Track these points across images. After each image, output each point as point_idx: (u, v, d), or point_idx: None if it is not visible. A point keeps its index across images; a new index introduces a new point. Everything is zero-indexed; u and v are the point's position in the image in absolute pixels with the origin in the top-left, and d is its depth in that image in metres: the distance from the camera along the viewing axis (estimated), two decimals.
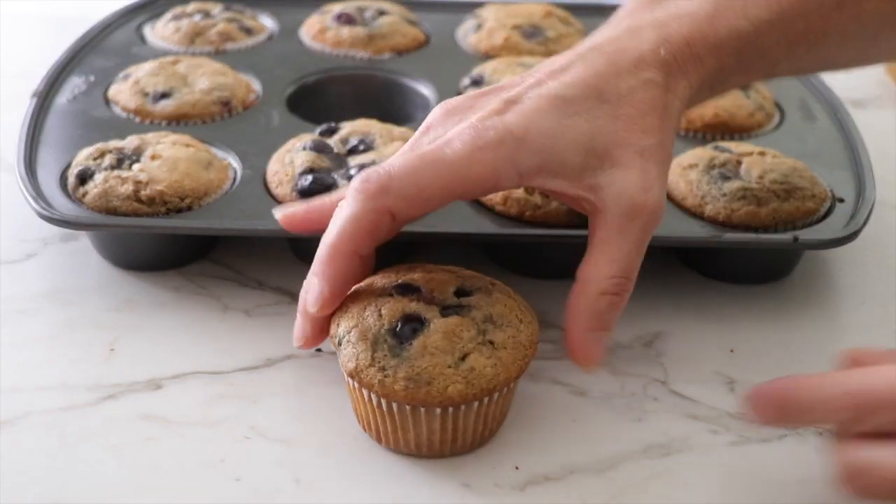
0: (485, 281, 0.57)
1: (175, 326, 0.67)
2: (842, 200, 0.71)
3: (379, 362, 0.53)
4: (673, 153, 0.57)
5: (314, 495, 0.55)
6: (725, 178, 0.71)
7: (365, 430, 0.57)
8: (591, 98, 0.54)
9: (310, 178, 0.69)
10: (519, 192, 0.68)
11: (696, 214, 0.70)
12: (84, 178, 0.70)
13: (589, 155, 0.53)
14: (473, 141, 0.52)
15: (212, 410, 0.60)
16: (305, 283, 0.56)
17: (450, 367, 0.52)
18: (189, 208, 0.70)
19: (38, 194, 0.69)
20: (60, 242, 0.74)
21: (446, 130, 0.55)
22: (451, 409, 0.53)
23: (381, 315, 0.55)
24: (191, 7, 0.96)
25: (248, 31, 0.94)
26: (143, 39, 0.94)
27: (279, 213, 0.61)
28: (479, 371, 0.53)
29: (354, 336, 0.54)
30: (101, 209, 0.69)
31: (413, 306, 0.55)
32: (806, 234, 0.68)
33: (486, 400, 0.53)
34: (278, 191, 0.70)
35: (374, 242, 0.55)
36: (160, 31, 0.94)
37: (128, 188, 0.69)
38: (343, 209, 0.54)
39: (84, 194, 0.70)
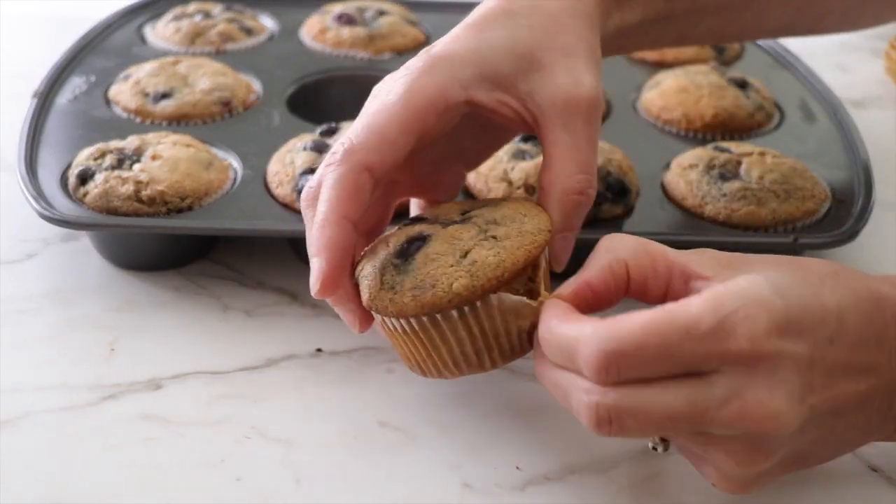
0: (496, 199, 0.57)
1: (175, 326, 0.67)
2: (842, 201, 0.71)
3: (387, 283, 0.52)
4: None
5: (314, 495, 0.55)
6: (725, 178, 0.71)
7: (413, 371, 0.56)
8: (500, 16, 0.56)
9: (310, 178, 0.69)
10: (520, 193, 0.69)
11: (696, 214, 0.70)
12: (85, 178, 0.70)
13: (516, 59, 0.54)
14: (407, 77, 0.54)
15: (212, 410, 0.60)
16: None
17: (452, 266, 0.51)
18: (189, 208, 0.70)
19: (39, 194, 0.69)
20: (61, 242, 0.74)
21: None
22: (468, 310, 0.51)
23: (388, 245, 0.54)
24: (191, 7, 0.96)
25: (249, 32, 0.94)
26: (143, 40, 0.94)
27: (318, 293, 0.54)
28: (482, 262, 0.51)
29: (366, 270, 0.54)
30: (101, 209, 0.69)
31: (417, 229, 0.54)
32: (806, 235, 0.68)
33: (501, 296, 0.51)
34: (279, 191, 0.71)
35: (361, 205, 0.54)
36: (161, 32, 0.94)
37: (128, 188, 0.69)
38: (323, 186, 0.54)
39: (85, 194, 0.70)
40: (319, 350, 0.64)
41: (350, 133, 0.54)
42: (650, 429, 0.46)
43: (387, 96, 0.54)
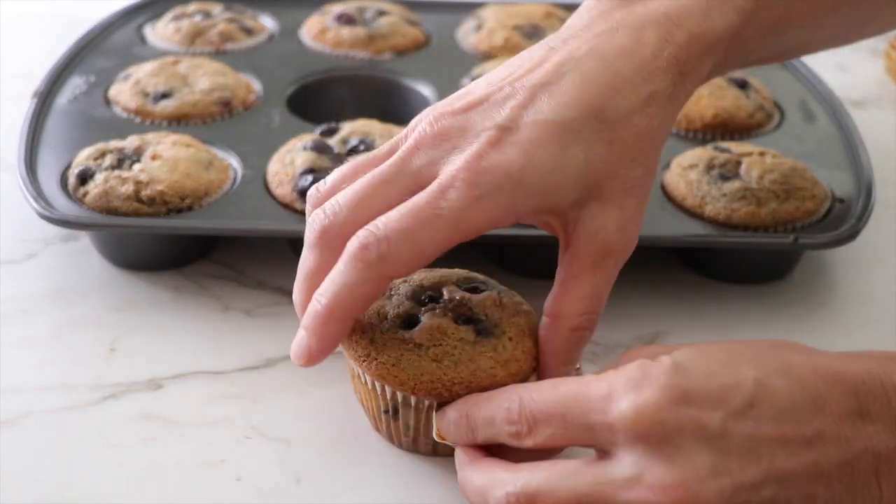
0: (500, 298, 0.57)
1: (175, 326, 0.67)
2: (842, 201, 0.71)
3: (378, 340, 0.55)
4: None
5: (315, 495, 0.55)
6: (725, 178, 0.71)
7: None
8: (589, 120, 0.51)
9: (310, 178, 0.69)
10: None
11: (696, 214, 0.70)
12: (84, 178, 0.70)
13: (581, 189, 0.51)
14: (470, 191, 0.50)
15: (212, 410, 0.60)
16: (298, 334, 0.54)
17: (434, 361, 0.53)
18: (189, 208, 0.70)
19: (39, 194, 0.69)
20: (61, 242, 0.74)
21: (438, 158, 0.52)
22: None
23: (385, 312, 0.55)
24: (191, 7, 0.96)
25: (249, 32, 0.94)
26: (143, 40, 0.94)
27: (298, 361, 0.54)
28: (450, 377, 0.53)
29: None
30: (101, 209, 0.69)
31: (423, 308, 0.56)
32: (806, 235, 0.68)
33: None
34: (279, 191, 0.71)
35: (369, 305, 0.53)
36: (161, 32, 0.94)
37: (128, 188, 0.69)
38: (341, 274, 0.51)
39: (85, 194, 0.70)
40: None
41: (391, 229, 0.50)
42: None
43: (440, 202, 0.50)
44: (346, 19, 0.94)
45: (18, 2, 1.13)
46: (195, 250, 0.72)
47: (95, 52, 0.90)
